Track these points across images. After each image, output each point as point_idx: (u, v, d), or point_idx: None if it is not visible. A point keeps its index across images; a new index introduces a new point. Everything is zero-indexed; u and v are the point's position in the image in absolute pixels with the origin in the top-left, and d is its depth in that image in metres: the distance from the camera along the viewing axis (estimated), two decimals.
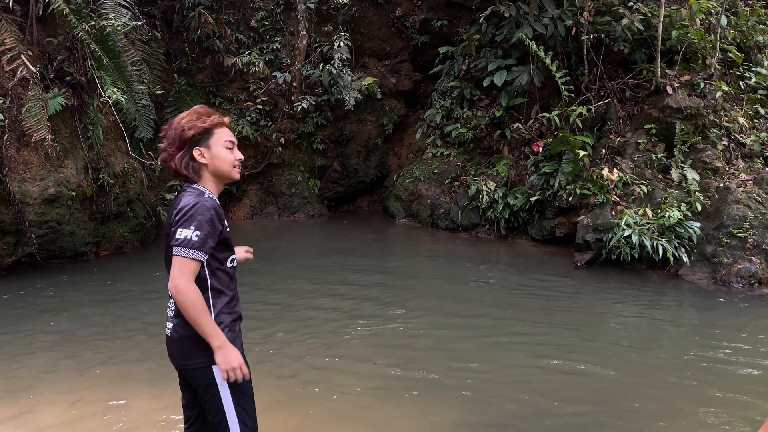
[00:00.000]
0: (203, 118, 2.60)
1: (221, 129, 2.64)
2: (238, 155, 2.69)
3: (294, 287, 7.22)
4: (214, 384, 2.51)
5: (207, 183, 2.63)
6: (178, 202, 2.56)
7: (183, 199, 2.53)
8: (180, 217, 2.45)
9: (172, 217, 2.51)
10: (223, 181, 2.68)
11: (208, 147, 2.60)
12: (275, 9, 11.41)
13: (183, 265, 2.42)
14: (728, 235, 7.47)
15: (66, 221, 7.76)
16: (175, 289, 2.39)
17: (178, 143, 2.57)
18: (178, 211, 2.47)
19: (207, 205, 2.49)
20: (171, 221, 2.52)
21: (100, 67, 7.98)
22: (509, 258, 8.62)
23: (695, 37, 8.81)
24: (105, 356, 5.24)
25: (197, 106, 2.69)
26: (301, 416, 4.26)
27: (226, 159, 2.63)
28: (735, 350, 5.41)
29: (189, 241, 2.43)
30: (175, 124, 2.60)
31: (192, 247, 2.42)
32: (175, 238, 2.43)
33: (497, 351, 5.40)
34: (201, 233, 2.43)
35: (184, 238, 2.43)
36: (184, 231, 2.43)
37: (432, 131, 11.08)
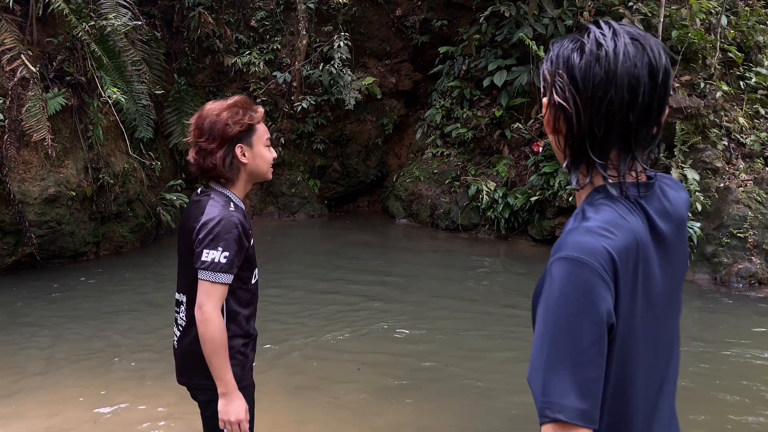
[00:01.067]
0: (249, 113, 2.36)
1: (262, 125, 2.43)
2: (274, 153, 2.49)
3: (294, 287, 7.22)
4: (215, 403, 2.32)
5: (239, 185, 2.42)
6: (200, 210, 2.32)
7: (208, 209, 2.30)
8: (205, 236, 2.24)
9: (196, 232, 2.29)
10: (256, 181, 2.50)
11: (251, 145, 2.38)
12: (275, 9, 11.40)
13: (211, 290, 2.24)
14: (728, 235, 7.47)
15: (66, 221, 7.76)
16: (201, 317, 2.23)
17: (219, 139, 2.31)
18: (203, 226, 2.26)
19: (234, 222, 2.28)
20: (195, 235, 2.29)
21: (100, 67, 7.98)
22: (509, 258, 8.61)
23: (695, 37, 8.81)
24: (105, 356, 5.24)
25: (238, 97, 2.43)
26: (300, 417, 4.26)
27: (267, 159, 2.44)
28: (735, 350, 5.41)
29: (217, 264, 2.23)
30: (213, 116, 2.33)
31: (220, 270, 2.24)
32: (201, 261, 2.23)
33: (498, 352, 5.40)
34: (229, 254, 2.24)
35: (211, 261, 2.23)
36: (212, 253, 2.23)
37: (432, 131, 11.07)
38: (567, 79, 1.20)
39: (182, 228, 2.44)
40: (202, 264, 2.24)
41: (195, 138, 2.35)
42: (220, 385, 2.26)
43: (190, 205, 2.43)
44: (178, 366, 2.45)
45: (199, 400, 2.41)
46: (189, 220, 2.37)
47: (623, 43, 1.18)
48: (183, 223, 2.44)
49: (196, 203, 2.39)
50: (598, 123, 1.17)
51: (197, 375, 2.36)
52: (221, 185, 2.40)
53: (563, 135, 1.24)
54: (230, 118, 2.31)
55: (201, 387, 2.37)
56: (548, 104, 1.26)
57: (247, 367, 2.43)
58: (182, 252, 2.42)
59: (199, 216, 2.30)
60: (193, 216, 2.34)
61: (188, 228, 2.36)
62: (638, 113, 1.18)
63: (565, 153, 1.25)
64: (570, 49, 1.22)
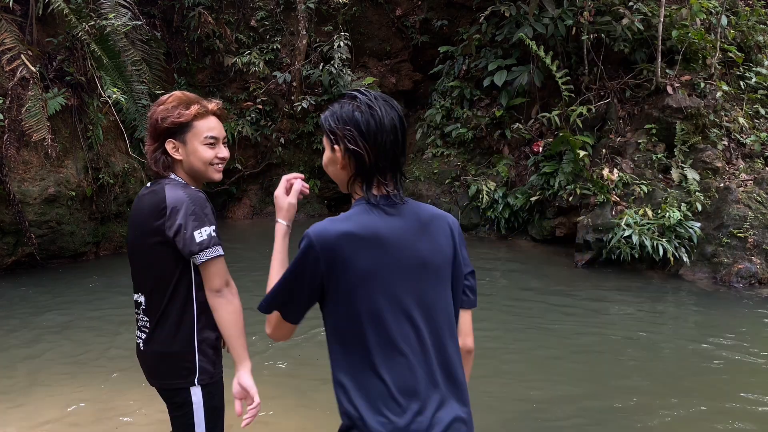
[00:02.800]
0: (180, 109, 2.28)
1: (203, 120, 2.31)
2: (222, 152, 2.34)
3: None
4: (189, 404, 2.28)
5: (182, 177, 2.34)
6: (158, 200, 2.21)
7: (169, 193, 2.21)
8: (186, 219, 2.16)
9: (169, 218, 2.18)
10: (198, 180, 2.36)
11: (185, 141, 2.29)
12: (275, 9, 11.40)
13: (219, 267, 2.21)
14: (728, 235, 7.46)
15: (66, 221, 7.76)
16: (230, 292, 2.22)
17: (151, 134, 2.30)
18: (175, 211, 2.17)
19: (203, 197, 2.25)
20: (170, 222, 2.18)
21: (100, 67, 7.97)
22: (509, 258, 8.61)
23: (695, 37, 8.80)
24: (105, 356, 5.24)
25: (178, 91, 2.37)
26: (299, 417, 4.26)
27: (202, 157, 2.30)
28: (735, 350, 5.41)
29: (213, 238, 2.19)
30: (152, 111, 2.32)
31: (217, 243, 2.21)
32: (197, 243, 2.16)
33: (496, 352, 5.39)
34: (215, 227, 2.22)
35: (209, 237, 2.18)
36: (205, 230, 2.18)
37: (432, 131, 11.07)
38: (356, 132, 1.71)
39: (136, 224, 2.33)
40: (200, 245, 2.17)
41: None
42: (242, 364, 2.24)
43: (139, 200, 2.34)
44: (148, 369, 2.38)
45: (173, 401, 2.33)
46: (144, 214, 2.26)
47: (382, 104, 1.73)
48: (136, 219, 2.33)
49: (149, 195, 2.29)
50: (381, 157, 1.71)
51: (170, 376, 2.30)
52: (173, 174, 2.34)
53: (353, 171, 1.76)
54: (161, 113, 2.28)
55: (175, 388, 2.30)
56: (343, 151, 1.73)
57: (218, 363, 2.36)
58: (139, 249, 2.32)
59: (160, 205, 2.20)
60: (149, 208, 2.24)
61: (145, 221, 2.25)
62: (400, 147, 1.75)
63: (350, 182, 1.79)
64: (350, 110, 1.72)
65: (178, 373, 2.28)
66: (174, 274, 2.25)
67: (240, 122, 10.74)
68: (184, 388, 2.28)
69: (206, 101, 2.37)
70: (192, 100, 2.33)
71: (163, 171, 2.31)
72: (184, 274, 2.26)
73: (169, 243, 2.21)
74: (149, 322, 2.31)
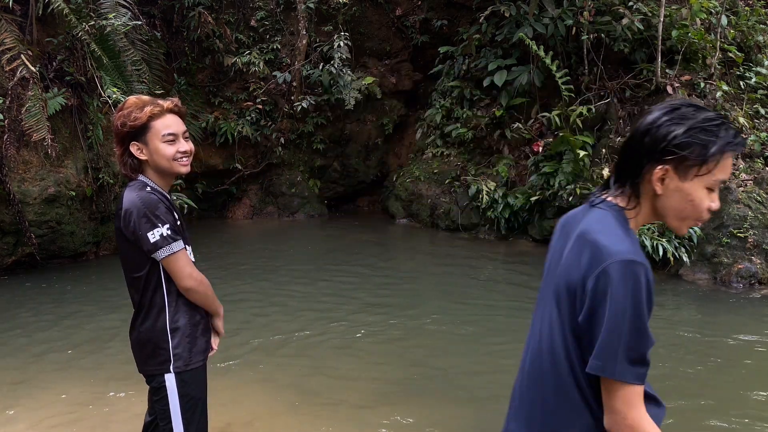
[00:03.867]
0: (135, 113, 2.43)
1: (160, 120, 2.45)
2: (183, 146, 2.49)
3: (293, 287, 7.22)
4: (164, 390, 2.48)
5: (151, 178, 2.51)
6: (120, 200, 2.45)
7: (124, 198, 2.42)
8: (138, 221, 2.34)
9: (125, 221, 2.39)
10: (168, 176, 2.54)
11: (146, 142, 2.45)
12: (275, 9, 11.40)
13: (178, 262, 2.41)
14: (728, 235, 7.47)
15: (66, 221, 7.76)
16: (195, 282, 2.43)
17: (117, 140, 2.47)
18: (128, 214, 2.36)
19: (154, 198, 2.39)
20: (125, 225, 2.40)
21: (100, 66, 7.97)
22: (509, 258, 8.61)
23: (695, 36, 8.80)
24: (105, 355, 5.24)
25: (131, 96, 2.53)
26: (298, 418, 4.26)
27: (164, 154, 2.45)
28: (735, 350, 5.41)
29: (166, 237, 2.36)
30: (113, 118, 2.51)
31: (172, 240, 2.38)
32: (151, 243, 2.34)
33: (497, 353, 5.40)
34: (169, 224, 2.38)
35: (161, 237, 2.35)
36: (156, 231, 2.34)
37: (432, 131, 11.07)
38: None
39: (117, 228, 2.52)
40: (155, 245, 2.36)
41: None
42: (218, 317, 2.65)
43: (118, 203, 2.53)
44: (134, 357, 2.61)
45: (152, 385, 2.54)
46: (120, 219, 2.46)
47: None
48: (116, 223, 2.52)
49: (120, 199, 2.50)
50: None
51: (149, 362, 2.51)
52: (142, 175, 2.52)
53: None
54: (120, 119, 2.45)
55: (153, 373, 2.50)
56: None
57: (194, 350, 2.52)
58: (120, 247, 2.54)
59: (120, 209, 2.42)
60: (117, 211, 2.47)
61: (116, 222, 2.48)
62: None
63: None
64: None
65: (155, 359, 2.49)
66: (144, 268, 2.45)
67: (240, 122, 10.74)
68: (159, 374, 2.48)
69: (161, 100, 2.51)
70: (146, 102, 2.47)
71: (132, 173, 2.49)
72: (154, 267, 2.45)
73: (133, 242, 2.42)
74: (133, 313, 2.57)
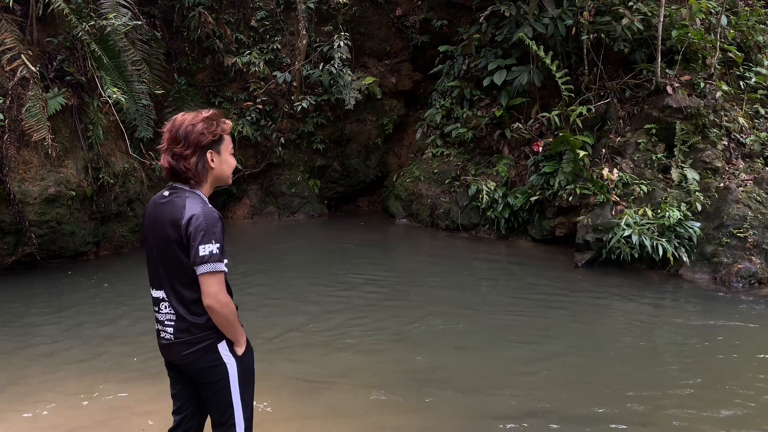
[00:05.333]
0: (220, 123, 2.66)
1: (228, 136, 2.73)
2: (235, 161, 2.81)
3: (293, 287, 7.22)
4: (226, 379, 2.65)
5: (206, 187, 2.68)
6: (178, 208, 2.56)
7: (189, 206, 2.56)
8: (196, 232, 2.50)
9: (185, 228, 2.52)
10: (219, 185, 2.78)
11: (219, 152, 2.67)
12: (275, 9, 11.40)
13: (217, 279, 2.53)
14: (728, 234, 7.47)
15: (66, 221, 7.76)
16: (218, 304, 2.53)
17: (194, 147, 2.60)
18: (190, 223, 2.51)
19: (216, 216, 2.57)
20: (184, 231, 2.52)
21: (100, 66, 7.98)
22: (509, 258, 8.61)
23: (695, 37, 8.80)
24: (105, 355, 5.24)
25: (210, 110, 2.72)
26: (298, 418, 4.26)
27: (231, 165, 2.74)
28: (735, 349, 5.41)
29: (214, 255, 2.51)
30: (188, 126, 2.60)
31: (218, 260, 2.52)
32: (200, 256, 2.49)
33: (497, 351, 5.40)
34: (220, 245, 2.54)
35: (210, 254, 2.50)
36: (208, 246, 2.50)
37: (432, 131, 11.07)
38: None
39: (157, 226, 2.62)
40: (202, 258, 2.50)
41: (169, 144, 2.62)
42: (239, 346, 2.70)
43: (161, 204, 2.64)
44: (184, 356, 2.64)
45: (209, 380, 2.65)
46: (165, 219, 2.58)
47: None
48: (157, 222, 2.62)
49: (169, 202, 2.61)
50: None
51: (207, 357, 2.63)
52: (190, 186, 2.65)
53: None
54: (205, 127, 2.61)
55: (211, 365, 2.63)
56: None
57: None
58: (159, 249, 2.63)
59: (179, 213, 2.54)
60: (170, 214, 2.57)
61: (167, 225, 2.57)
62: None
63: None
64: None
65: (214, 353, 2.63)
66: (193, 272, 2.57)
67: (240, 122, 10.73)
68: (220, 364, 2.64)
69: (226, 119, 2.78)
70: (222, 117, 2.72)
71: (200, 180, 2.64)
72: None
73: (183, 248, 2.56)
74: (174, 315, 2.62)
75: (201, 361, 2.63)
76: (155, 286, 2.67)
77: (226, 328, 2.62)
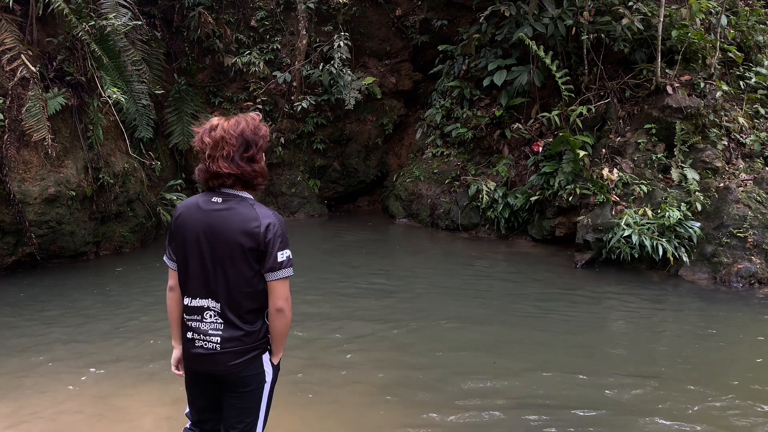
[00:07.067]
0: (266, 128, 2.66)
1: None
2: None
3: (293, 287, 7.20)
4: (263, 386, 2.66)
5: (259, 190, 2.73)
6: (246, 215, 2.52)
7: (262, 213, 2.54)
8: (274, 239, 2.51)
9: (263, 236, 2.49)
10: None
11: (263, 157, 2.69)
12: (275, 9, 11.40)
13: (287, 286, 2.58)
14: (728, 234, 7.47)
15: (66, 221, 7.76)
16: (288, 306, 2.57)
17: (262, 150, 2.61)
18: (269, 230, 2.50)
19: (284, 222, 2.61)
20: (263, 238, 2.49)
21: (100, 66, 7.97)
22: (509, 258, 8.62)
23: (695, 36, 8.81)
24: (105, 356, 5.24)
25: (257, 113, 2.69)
26: (298, 418, 4.26)
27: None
28: (735, 349, 5.41)
29: (290, 260, 2.57)
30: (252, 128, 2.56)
31: (292, 265, 2.58)
32: (278, 262, 2.52)
33: (496, 353, 5.40)
34: (290, 249, 2.60)
35: (287, 259, 2.55)
36: (285, 252, 2.54)
37: (432, 131, 11.07)
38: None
39: (220, 235, 2.54)
40: (281, 264, 2.54)
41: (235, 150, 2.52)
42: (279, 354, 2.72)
43: (218, 212, 2.55)
44: (229, 365, 2.59)
45: (248, 388, 2.63)
46: (232, 227, 2.51)
47: None
48: (217, 230, 2.54)
49: (230, 210, 2.54)
50: None
51: (254, 365, 2.62)
52: (248, 191, 2.63)
53: None
54: (266, 131, 2.63)
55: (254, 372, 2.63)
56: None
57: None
58: (219, 258, 2.54)
59: (253, 221, 2.51)
60: (241, 222, 2.52)
61: (237, 234, 2.51)
62: None
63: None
64: None
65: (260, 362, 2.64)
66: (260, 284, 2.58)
67: None
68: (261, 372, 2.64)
69: None
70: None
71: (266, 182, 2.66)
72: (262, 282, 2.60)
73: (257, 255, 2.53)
74: (222, 324, 2.58)
75: (247, 370, 2.60)
76: (201, 294, 2.58)
77: (283, 332, 2.64)
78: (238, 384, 2.62)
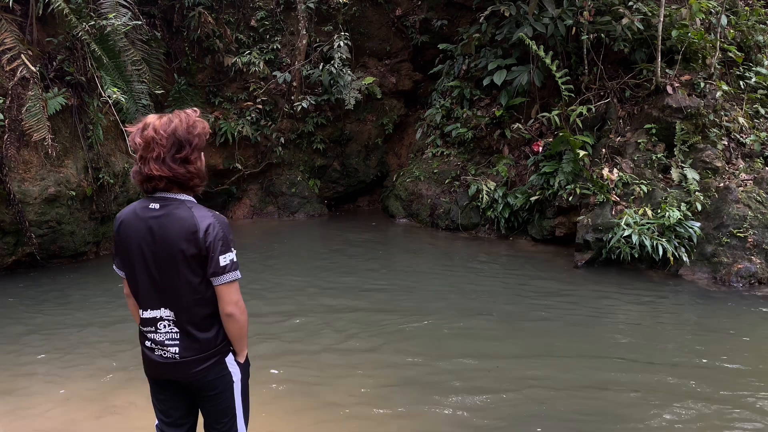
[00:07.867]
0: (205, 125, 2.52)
1: None
2: None
3: (293, 287, 7.22)
4: (231, 386, 2.60)
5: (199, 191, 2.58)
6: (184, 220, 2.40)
7: (199, 216, 2.42)
8: (215, 242, 2.40)
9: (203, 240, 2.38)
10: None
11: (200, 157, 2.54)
12: (275, 9, 11.40)
13: (237, 287, 2.50)
14: (728, 234, 7.47)
15: (66, 221, 7.76)
16: (239, 311, 2.48)
17: (198, 149, 2.48)
18: (209, 234, 2.39)
19: (227, 221, 2.51)
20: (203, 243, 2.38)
21: (100, 66, 7.98)
22: (509, 258, 8.61)
23: (695, 36, 8.80)
24: (104, 354, 5.24)
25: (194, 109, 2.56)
26: (298, 417, 4.26)
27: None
28: (735, 349, 5.41)
29: (234, 263, 2.47)
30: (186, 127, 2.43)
31: (237, 268, 2.49)
32: (221, 266, 2.42)
33: (496, 353, 5.40)
34: (235, 251, 2.50)
35: (231, 262, 2.45)
36: (228, 255, 2.44)
37: (432, 131, 11.08)
38: None
39: (160, 242, 2.43)
40: (224, 269, 2.43)
41: (166, 151, 2.39)
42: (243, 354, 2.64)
43: (156, 218, 2.43)
44: (190, 373, 2.54)
45: (215, 391, 2.58)
46: (172, 234, 2.40)
47: None
48: (156, 238, 2.43)
49: (169, 215, 2.42)
50: None
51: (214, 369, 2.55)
52: (187, 193, 2.50)
53: None
54: (203, 128, 2.49)
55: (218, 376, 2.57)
56: None
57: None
58: (163, 266, 2.44)
59: (192, 225, 2.40)
60: (180, 228, 2.40)
61: (179, 240, 2.40)
62: None
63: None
64: None
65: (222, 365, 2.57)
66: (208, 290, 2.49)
67: (240, 122, 10.74)
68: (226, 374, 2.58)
69: None
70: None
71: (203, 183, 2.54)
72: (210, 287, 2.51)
73: (200, 261, 2.44)
74: (179, 333, 2.51)
75: (211, 374, 2.55)
76: (152, 305, 2.50)
77: (240, 335, 2.55)
78: (205, 388, 2.57)
